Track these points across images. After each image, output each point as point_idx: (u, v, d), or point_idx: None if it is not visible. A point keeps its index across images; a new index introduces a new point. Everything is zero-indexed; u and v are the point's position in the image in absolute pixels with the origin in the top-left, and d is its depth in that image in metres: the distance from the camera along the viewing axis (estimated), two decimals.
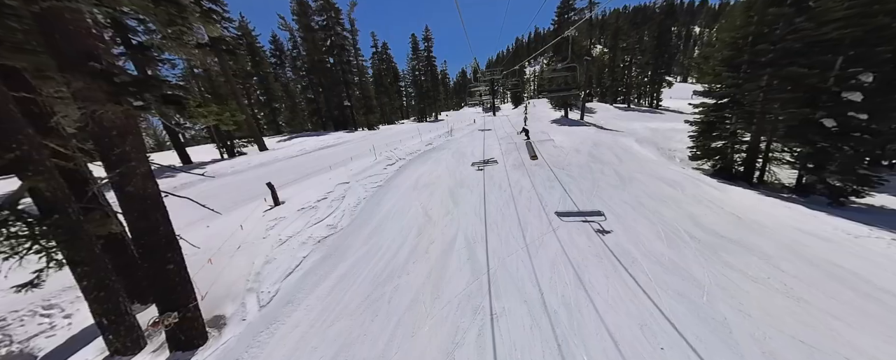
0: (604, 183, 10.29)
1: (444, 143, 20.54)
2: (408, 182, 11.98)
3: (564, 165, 12.99)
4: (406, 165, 14.37)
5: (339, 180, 11.17)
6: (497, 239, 7.45)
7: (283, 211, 8.03)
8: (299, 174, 12.22)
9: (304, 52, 28.97)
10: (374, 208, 9.48)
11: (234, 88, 17.97)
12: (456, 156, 16.50)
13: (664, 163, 11.99)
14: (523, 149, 16.71)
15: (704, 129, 11.49)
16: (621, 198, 9.00)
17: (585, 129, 22.88)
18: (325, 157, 16.29)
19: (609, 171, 11.46)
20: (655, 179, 10.10)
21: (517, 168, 13.27)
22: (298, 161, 15.61)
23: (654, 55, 39.11)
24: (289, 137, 24.16)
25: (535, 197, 9.98)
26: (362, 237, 7.67)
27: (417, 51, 51.07)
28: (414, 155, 16.55)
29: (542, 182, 11.19)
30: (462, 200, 10.27)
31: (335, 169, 12.67)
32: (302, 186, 10.41)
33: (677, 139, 17.96)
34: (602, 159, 13.09)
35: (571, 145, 16.16)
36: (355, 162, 14.01)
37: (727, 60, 10.93)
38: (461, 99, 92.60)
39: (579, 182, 10.71)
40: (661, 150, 14.35)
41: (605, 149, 14.82)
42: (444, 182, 12.12)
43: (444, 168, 14.03)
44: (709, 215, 7.18)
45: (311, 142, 20.82)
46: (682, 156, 13.05)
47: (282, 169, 14.05)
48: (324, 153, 17.44)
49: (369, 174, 12.16)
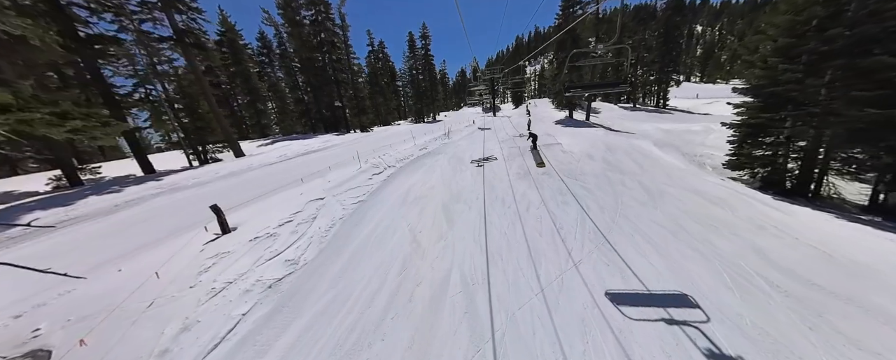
0: (628, 198, 8.57)
1: (439, 146, 18.83)
2: (395, 196, 10.26)
3: (577, 173, 11.27)
4: (395, 174, 12.64)
5: (313, 195, 9.43)
6: (502, 279, 5.74)
7: (230, 242, 6.29)
8: (269, 187, 10.47)
9: (292, 49, 27.21)
10: (350, 232, 7.75)
11: (205, 88, 16.27)
12: (452, 162, 14.79)
13: (695, 172, 10.29)
14: (528, 154, 15.00)
15: (748, 133, 9.64)
16: (653, 219, 7.28)
17: (594, 131, 21.17)
18: (307, 164, 14.53)
19: (632, 182, 9.74)
20: (691, 193, 8.39)
21: (522, 177, 11.56)
22: (274, 170, 13.82)
23: (660, 53, 37.46)
24: (272, 140, 22.43)
25: (545, 215, 8.26)
26: (329, 277, 5.95)
27: (414, 49, 49.37)
28: (406, 161, 14.83)
29: (552, 196, 9.48)
30: (458, 218, 8.56)
31: (311, 181, 10.93)
32: (266, 203, 8.69)
33: (698, 142, 16.28)
34: (620, 167, 11.37)
35: (582, 150, 14.45)
36: (337, 171, 12.27)
37: (783, 50, 8.99)
38: (461, 99, 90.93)
39: (597, 196, 8.99)
40: (686, 156, 12.63)
41: (622, 154, 13.10)
42: (437, 195, 10.40)
43: (438, 177, 12.32)
44: (782, 249, 5.47)
45: (295, 146, 19.06)
46: (713, 163, 11.32)
47: (252, 180, 12.25)
48: (306, 160, 15.69)
49: (351, 187, 10.43)
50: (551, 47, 72.77)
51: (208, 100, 16.43)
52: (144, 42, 14.07)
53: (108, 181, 11.86)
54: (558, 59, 28.12)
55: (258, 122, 26.52)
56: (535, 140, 11.55)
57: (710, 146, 15.06)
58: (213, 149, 17.54)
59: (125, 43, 13.18)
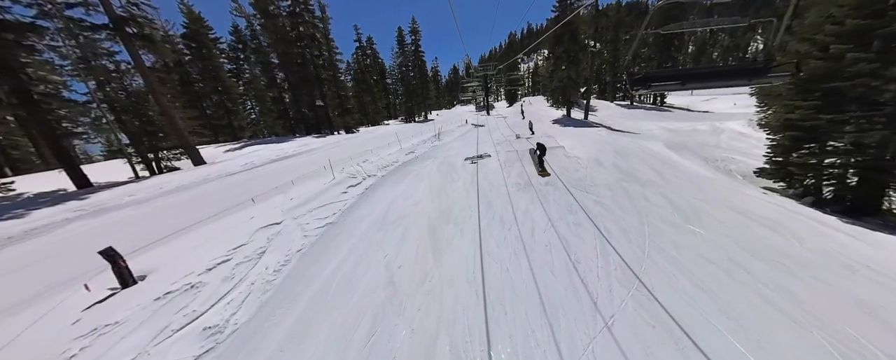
0: (656, 219, 7.01)
1: (429, 150, 17.11)
2: (372, 216, 8.52)
3: (587, 184, 9.68)
4: (376, 186, 10.88)
5: (269, 218, 7.62)
6: (509, 349, 4.11)
7: (127, 304, 4.46)
8: (218, 207, 8.50)
9: (266, 43, 25.02)
10: (308, 272, 6.00)
11: (153, 86, 14.14)
12: (443, 169, 13.09)
13: (727, 183, 8.82)
14: (527, 159, 13.40)
15: (796, 137, 8.04)
16: (697, 250, 5.71)
17: (596, 131, 19.71)
18: (274, 174, 12.60)
19: (655, 196, 8.19)
20: (733, 211, 6.87)
21: (523, 189, 9.94)
22: (233, 182, 11.80)
23: (658, 48, 36.31)
24: (242, 144, 20.36)
25: (556, 242, 6.65)
26: (266, 354, 4.21)
27: (404, 45, 47.35)
28: (389, 169, 13.06)
29: (561, 214, 7.87)
30: (448, 247, 6.89)
31: (270, 198, 9.02)
32: (204, 233, 6.83)
33: (712, 144, 14.91)
34: (637, 176, 9.83)
35: (588, 154, 12.89)
36: (305, 184, 10.43)
37: (850, 35, 7.16)
38: (454, 97, 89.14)
39: (617, 215, 7.41)
40: (707, 161, 11.17)
41: (635, 160, 11.58)
42: (423, 213, 8.70)
43: (425, 190, 10.61)
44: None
45: (266, 152, 17.08)
46: (740, 170, 9.86)
47: (202, 197, 10.23)
48: (276, 168, 13.76)
49: (319, 204, 8.64)
50: (545, 44, 71.64)
51: (158, 100, 14.29)
52: (72, 31, 11.96)
53: (18, 201, 9.68)
54: (555, 54, 26.59)
55: (229, 123, 24.30)
56: (544, 152, 9.37)
57: (728, 149, 13.68)
58: (170, 156, 15.45)
59: (48, 32, 11.09)
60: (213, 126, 24.17)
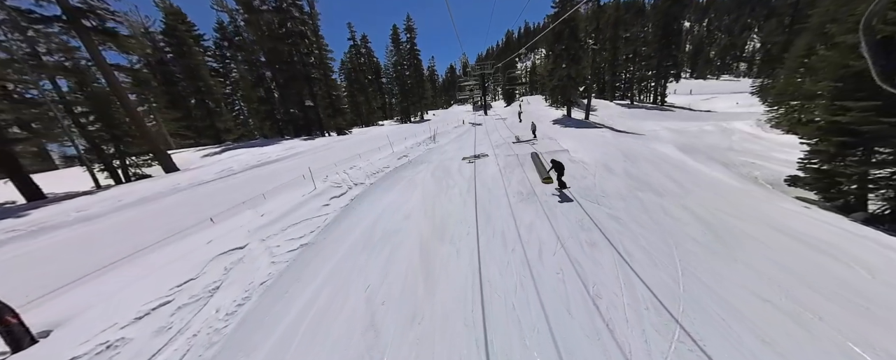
0: (684, 238, 6.00)
1: (423, 154, 16.04)
2: (355, 233, 7.43)
3: (597, 194, 8.67)
4: (363, 196, 9.79)
5: (231, 241, 6.50)
6: None
7: None
8: (178, 226, 7.29)
9: (250, 40, 23.67)
10: (269, 313, 4.91)
11: (115, 85, 12.85)
12: (438, 174, 12.03)
13: (757, 193, 7.84)
14: (529, 164, 12.38)
15: (845, 142, 6.98)
16: (747, 286, 4.71)
17: (599, 132, 18.76)
18: (251, 182, 11.40)
19: (677, 209, 7.19)
20: (776, 231, 5.88)
21: (526, 199, 8.91)
22: (204, 193, 10.52)
23: (659, 47, 35.51)
24: (223, 148, 19.10)
25: (568, 267, 5.62)
26: None
27: (399, 43, 46.16)
28: (379, 175, 11.97)
29: (571, 231, 6.85)
30: (442, 274, 5.85)
31: (237, 214, 7.82)
32: (145, 265, 5.67)
33: (725, 147, 14.00)
34: (653, 185, 8.84)
35: (595, 158, 11.90)
36: (283, 195, 9.31)
37: None
38: (451, 96, 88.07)
39: (636, 233, 6.40)
40: (727, 166, 10.22)
41: (647, 165, 10.61)
42: (414, 230, 7.64)
43: (417, 199, 9.54)
44: None
45: (246, 156, 15.85)
46: (767, 177, 8.90)
47: (163, 212, 8.84)
48: (255, 175, 12.56)
49: (294, 221, 7.53)
50: (543, 42, 70.59)
51: (123, 101, 12.99)
52: (17, 23, 10.67)
53: None
54: (555, 51, 25.61)
55: (212, 125, 22.97)
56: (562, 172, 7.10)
57: (743, 151, 12.77)
58: (140, 163, 14.17)
59: None
60: (197, 128, 22.89)
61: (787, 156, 12.08)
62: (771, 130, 19.26)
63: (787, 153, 12.51)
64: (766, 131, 18.96)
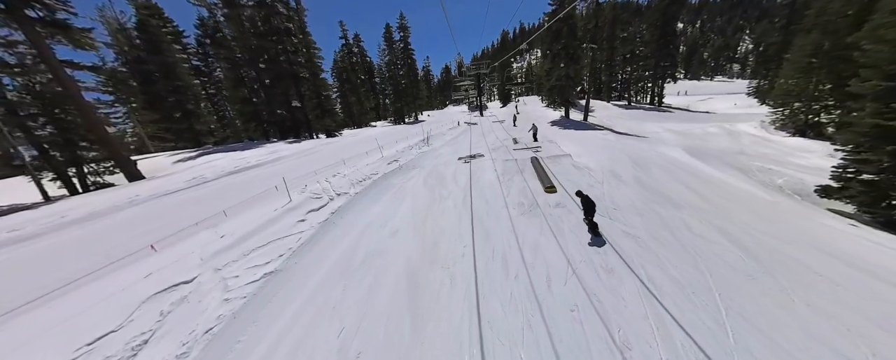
0: (719, 265, 5.08)
1: (415, 158, 15.00)
2: (332, 256, 6.38)
3: (608, 207, 7.74)
4: (344, 209, 8.72)
5: (176, 273, 5.39)
6: None
7: None
8: (121, 252, 6.10)
9: (231, 36, 22.31)
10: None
11: (65, 84, 11.48)
12: (431, 181, 11.02)
13: (791, 207, 6.99)
14: (529, 171, 11.42)
15: None
16: (816, 336, 3.79)
17: (601, 134, 17.93)
18: (223, 193, 10.18)
19: (702, 226, 6.28)
20: (831, 257, 4.99)
21: (528, 212, 7.94)
22: (165, 206, 9.14)
23: (657, 47, 34.96)
24: (199, 152, 17.76)
25: (585, 304, 4.68)
26: None
27: (392, 42, 45.03)
28: (365, 183, 10.91)
29: (584, 255, 5.89)
30: (433, 310, 4.88)
31: (191, 237, 6.66)
32: (60, 310, 4.55)
33: (736, 151, 13.23)
34: (669, 195, 7.94)
35: (600, 164, 10.99)
36: (252, 210, 8.17)
37: None
38: (446, 97, 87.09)
39: (660, 257, 5.46)
40: (746, 173, 9.38)
41: (659, 172, 9.73)
42: (402, 250, 6.61)
43: (407, 212, 8.52)
44: None
45: (223, 162, 14.58)
46: (793, 186, 8.06)
47: (110, 231, 7.42)
48: (228, 184, 11.30)
49: (260, 242, 6.45)
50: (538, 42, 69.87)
51: (76, 101, 11.63)
52: None
53: None
54: (553, 51, 24.78)
55: (190, 127, 21.59)
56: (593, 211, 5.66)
57: (756, 156, 12.00)
58: (101, 170, 12.82)
59: None
60: (176, 131, 21.51)
61: (803, 161, 11.32)
62: (776, 131, 18.64)
63: (803, 158, 11.76)
64: (771, 133, 18.33)
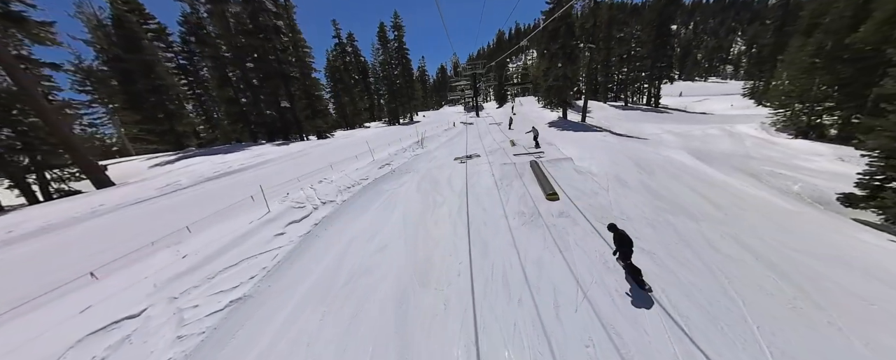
0: (751, 290, 4.47)
1: (409, 160, 14.29)
2: (311, 277, 5.65)
3: (616, 217, 7.12)
4: (329, 220, 7.97)
5: (121, 306, 4.62)
6: None
7: None
8: (67, 275, 5.20)
9: (215, 34, 21.30)
10: None
11: (22, 81, 10.50)
12: (424, 188, 10.32)
13: (818, 218, 6.44)
14: (529, 175, 10.79)
15: None
16: None
17: (600, 136, 17.41)
18: (199, 201, 9.26)
19: (724, 241, 5.69)
20: (878, 281, 4.41)
21: (529, 223, 7.29)
22: (132, 216, 8.12)
23: (654, 47, 34.71)
24: (178, 156, 16.76)
25: (603, 342, 4.03)
26: None
27: (386, 41, 44.22)
28: (354, 189, 10.18)
29: (595, 274, 5.25)
30: (424, 346, 4.18)
31: (149, 257, 5.86)
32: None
33: (741, 154, 12.75)
34: (681, 203, 7.36)
35: (603, 168, 10.41)
36: (224, 223, 7.36)
37: None
38: (442, 97, 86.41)
39: (682, 279, 4.84)
40: (758, 179, 8.86)
41: (665, 177, 9.16)
42: (391, 269, 5.91)
43: (397, 222, 7.81)
44: None
45: (204, 166, 13.63)
46: (810, 193, 7.52)
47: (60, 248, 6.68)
48: (204, 192, 10.34)
49: (228, 263, 5.69)
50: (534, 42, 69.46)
51: (34, 102, 10.62)
52: None
53: None
54: (550, 50, 24.26)
55: (171, 129, 20.54)
56: (628, 253, 4.64)
57: (763, 159, 11.53)
58: (67, 176, 11.85)
59: None
60: (157, 132, 20.43)
61: (813, 165, 10.86)
62: (777, 133, 18.31)
63: (812, 162, 11.31)
64: (772, 135, 17.99)
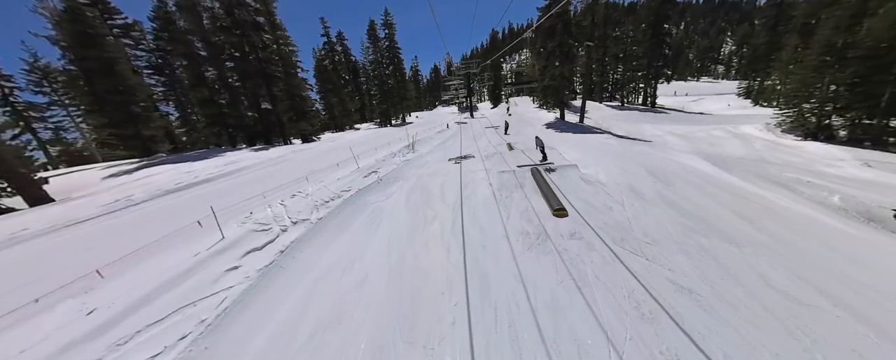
0: (840, 350, 3.35)
1: (398, 167, 13.06)
2: (265, 331, 4.40)
3: (638, 240, 6.03)
4: (298, 246, 6.70)
5: None
6: None
7: None
8: None
9: (185, 29, 19.62)
10: None
11: None
12: (413, 202, 9.11)
13: (873, 238, 5.43)
14: (530, 183, 9.66)
15: None
16: None
17: (602, 138, 16.45)
18: (145, 222, 7.87)
19: (782, 277, 4.63)
20: None
21: (536, 247, 6.15)
22: (56, 245, 6.60)
23: (650, 45, 34.08)
24: (141, 164, 15.14)
25: None
26: None
27: (376, 40, 42.81)
28: (334, 203, 8.91)
29: (626, 322, 4.12)
30: None
31: (51, 310, 4.57)
32: None
33: (754, 157, 11.87)
34: (710, 221, 6.31)
35: (613, 176, 9.35)
36: (162, 255, 6.02)
37: None
38: (435, 97, 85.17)
39: (746, 336, 3.73)
40: (789, 188, 7.88)
41: (685, 186, 8.13)
42: (367, 316, 4.69)
43: (380, 246, 6.58)
44: None
45: (166, 176, 12.09)
46: (854, 206, 6.53)
47: None
48: (157, 209, 8.82)
49: (158, 314, 4.39)
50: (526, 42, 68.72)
51: None
52: None
53: None
54: (547, 49, 23.28)
55: (137, 133, 18.81)
56: None
57: (782, 164, 10.63)
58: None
59: None
60: (123, 137, 18.67)
61: (838, 171, 9.98)
62: (783, 134, 17.59)
63: (835, 167, 10.43)
64: (779, 136, 17.25)
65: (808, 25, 26.97)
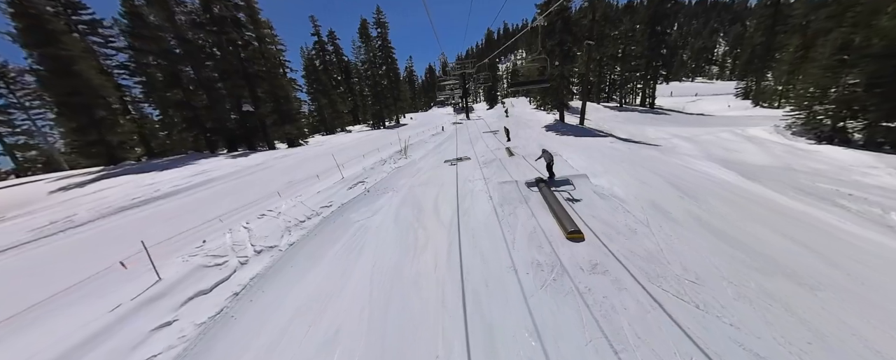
0: None
1: (389, 175, 11.83)
2: None
3: (679, 276, 4.90)
4: (262, 281, 5.43)
5: None
6: None
7: None
8: None
9: (156, 25, 18.08)
10: None
11: None
12: (404, 219, 7.89)
13: None
14: (535, 197, 8.51)
15: None
16: None
17: (607, 142, 15.40)
18: (75, 253, 6.61)
19: (884, 338, 3.48)
20: None
21: (551, 284, 4.98)
22: None
23: (649, 46, 33.36)
24: (99, 174, 13.55)
25: None
26: None
27: (368, 39, 41.45)
28: (311, 222, 7.65)
29: None
30: None
31: None
32: None
33: (779, 165, 10.88)
34: (767, 253, 5.24)
35: (629, 189, 8.25)
36: (92, 301, 4.75)
37: None
38: (430, 98, 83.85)
39: None
40: (832, 201, 6.86)
41: (719, 203, 7.07)
42: None
43: (360, 282, 5.35)
44: None
45: (120, 191, 10.43)
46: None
47: None
48: (101, 232, 7.46)
49: None
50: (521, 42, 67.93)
51: None
52: None
53: None
54: (546, 48, 22.24)
55: (100, 139, 17.18)
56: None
57: (812, 173, 9.65)
58: None
59: None
60: (85, 143, 17.00)
61: (874, 180, 8.99)
62: (794, 137, 16.75)
63: (870, 176, 9.44)
64: (790, 139, 16.39)
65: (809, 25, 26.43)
